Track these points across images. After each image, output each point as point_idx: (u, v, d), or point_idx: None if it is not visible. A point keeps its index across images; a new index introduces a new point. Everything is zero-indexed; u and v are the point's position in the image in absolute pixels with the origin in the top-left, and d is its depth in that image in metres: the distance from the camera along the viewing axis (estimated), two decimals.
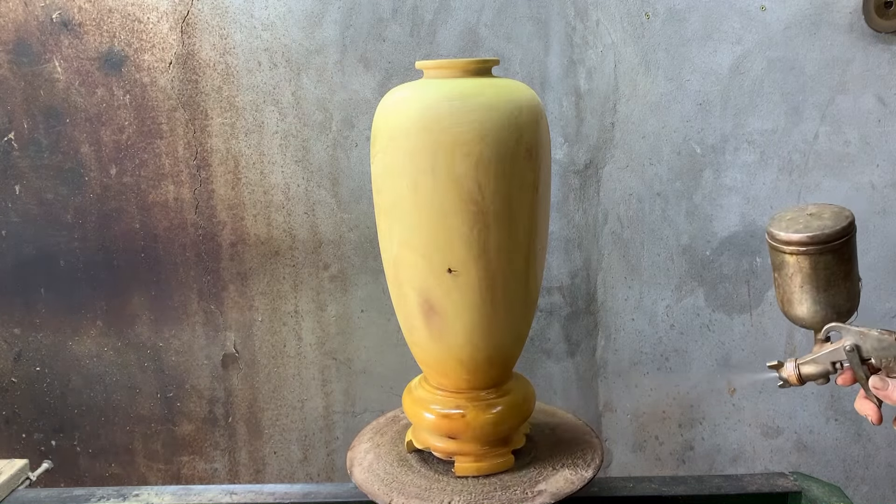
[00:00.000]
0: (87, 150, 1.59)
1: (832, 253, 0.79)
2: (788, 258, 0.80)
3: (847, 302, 0.82)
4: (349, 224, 1.61)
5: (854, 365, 0.80)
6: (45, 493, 1.16)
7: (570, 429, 1.10)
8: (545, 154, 0.93)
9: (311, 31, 1.54)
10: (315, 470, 1.73)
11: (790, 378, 0.84)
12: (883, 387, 0.78)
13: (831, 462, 1.68)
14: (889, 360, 0.78)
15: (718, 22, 1.51)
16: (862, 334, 0.79)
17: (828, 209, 0.82)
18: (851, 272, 0.81)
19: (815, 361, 0.82)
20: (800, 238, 0.79)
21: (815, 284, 0.80)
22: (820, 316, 0.81)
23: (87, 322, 1.66)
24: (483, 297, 0.91)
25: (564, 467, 0.99)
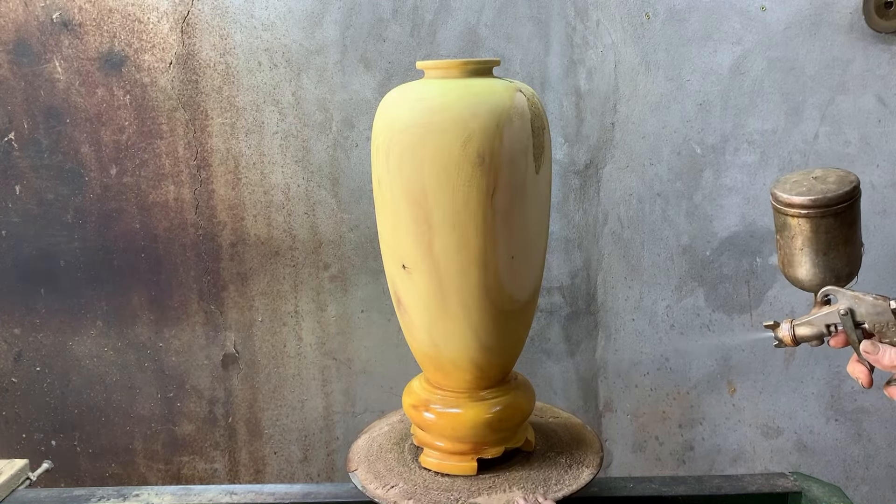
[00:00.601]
0: (87, 151, 1.59)
1: (834, 217, 0.79)
2: (790, 220, 0.80)
3: (846, 266, 0.82)
4: (349, 224, 1.61)
5: (847, 328, 0.80)
6: (45, 493, 1.16)
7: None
8: (513, 159, 0.88)
9: (311, 32, 1.54)
10: (315, 470, 1.73)
11: (785, 338, 0.84)
12: (874, 351, 0.79)
13: (831, 462, 1.68)
14: (882, 325, 0.79)
15: (718, 22, 1.51)
16: (857, 298, 0.79)
17: (833, 173, 0.81)
18: (853, 237, 0.81)
19: (810, 323, 0.82)
20: (802, 201, 0.79)
21: (815, 247, 0.80)
22: (819, 279, 0.82)
23: (87, 322, 1.66)
24: (434, 296, 0.93)
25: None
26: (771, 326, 0.85)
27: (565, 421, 1.12)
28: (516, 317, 0.97)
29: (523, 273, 0.95)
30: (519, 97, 0.90)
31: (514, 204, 0.90)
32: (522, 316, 0.98)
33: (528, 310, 0.99)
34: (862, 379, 0.81)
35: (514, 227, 0.91)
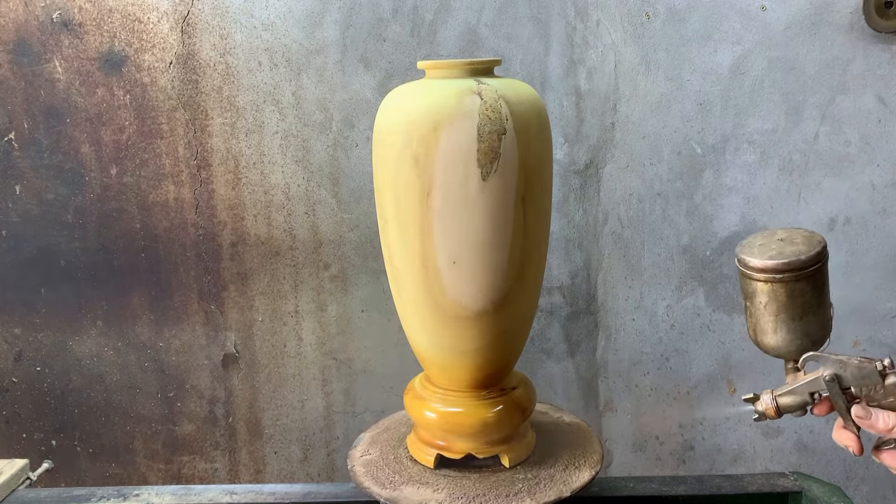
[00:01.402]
0: (87, 150, 1.59)
1: (807, 280, 0.76)
2: (762, 286, 0.77)
3: (821, 330, 0.79)
4: (349, 224, 1.61)
5: (834, 395, 0.77)
6: (45, 493, 1.16)
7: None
8: (449, 163, 0.87)
9: (311, 31, 1.54)
10: (315, 470, 1.73)
11: (767, 410, 0.81)
12: (866, 416, 0.77)
13: (832, 462, 1.68)
14: (869, 388, 0.77)
15: (719, 22, 1.51)
16: (842, 363, 0.76)
17: (798, 234, 0.79)
18: (825, 299, 0.79)
19: (793, 392, 0.80)
20: (775, 265, 0.76)
21: (790, 313, 0.77)
22: (795, 345, 0.79)
23: (87, 322, 1.66)
24: (397, 293, 0.98)
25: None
26: (751, 399, 0.82)
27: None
28: (474, 324, 0.94)
29: (469, 280, 0.91)
30: (470, 101, 0.87)
31: (451, 208, 0.88)
32: (484, 324, 0.94)
33: (494, 320, 0.94)
34: (852, 446, 0.80)
35: (452, 231, 0.90)
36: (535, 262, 0.96)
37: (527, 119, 0.89)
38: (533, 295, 0.98)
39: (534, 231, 0.93)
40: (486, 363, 0.97)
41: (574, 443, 1.05)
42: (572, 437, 1.07)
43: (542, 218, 0.95)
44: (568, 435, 1.08)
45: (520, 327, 0.99)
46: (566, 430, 1.09)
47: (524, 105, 0.90)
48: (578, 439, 1.06)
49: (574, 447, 1.04)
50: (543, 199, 0.94)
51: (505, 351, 0.98)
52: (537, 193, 0.92)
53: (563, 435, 1.08)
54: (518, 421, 1.00)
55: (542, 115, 0.94)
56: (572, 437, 1.07)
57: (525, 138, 0.88)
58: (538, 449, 1.04)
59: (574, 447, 1.04)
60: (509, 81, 0.94)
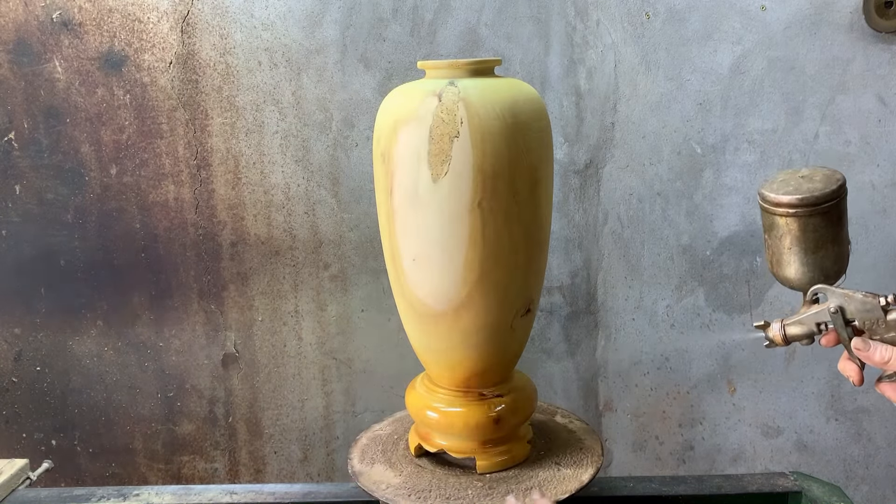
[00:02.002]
0: (87, 150, 1.59)
1: (821, 215, 0.79)
2: (779, 220, 0.81)
3: (835, 265, 0.82)
4: (349, 224, 1.61)
5: (838, 326, 0.80)
6: (45, 493, 1.16)
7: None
8: (404, 162, 0.88)
9: (311, 31, 1.54)
10: (315, 470, 1.73)
11: (775, 338, 0.84)
12: (865, 348, 0.79)
13: (831, 462, 1.68)
14: (872, 322, 0.79)
15: (718, 22, 1.51)
16: (847, 296, 0.79)
17: (819, 172, 0.82)
18: (840, 235, 0.81)
19: (801, 322, 0.82)
20: (790, 200, 0.79)
21: (803, 246, 0.80)
22: (808, 278, 0.82)
23: (87, 322, 1.66)
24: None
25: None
26: (761, 326, 0.85)
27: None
28: (440, 323, 0.94)
29: (427, 279, 0.92)
30: (427, 102, 0.87)
31: (408, 207, 0.90)
32: (449, 325, 0.93)
33: (455, 321, 0.93)
34: (853, 377, 0.82)
35: (410, 230, 0.91)
36: (500, 269, 0.91)
37: (487, 123, 0.86)
38: (498, 301, 0.93)
39: (496, 237, 0.89)
40: (461, 364, 0.96)
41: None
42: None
43: (509, 224, 0.90)
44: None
45: (491, 332, 0.94)
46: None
47: (492, 108, 0.87)
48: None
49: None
50: (514, 204, 0.89)
51: (481, 354, 0.95)
52: (501, 199, 0.88)
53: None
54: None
55: (521, 120, 0.89)
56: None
57: (482, 142, 0.86)
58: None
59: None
60: (496, 83, 0.92)
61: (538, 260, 0.96)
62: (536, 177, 0.91)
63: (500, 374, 1.00)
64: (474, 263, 0.90)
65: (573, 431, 1.09)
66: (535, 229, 0.93)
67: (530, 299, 0.96)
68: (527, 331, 1.00)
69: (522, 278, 0.94)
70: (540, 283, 0.99)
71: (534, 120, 0.91)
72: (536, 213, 0.93)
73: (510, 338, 0.97)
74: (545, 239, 0.98)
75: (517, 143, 0.88)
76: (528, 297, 0.96)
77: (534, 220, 0.93)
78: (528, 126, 0.89)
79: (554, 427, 1.10)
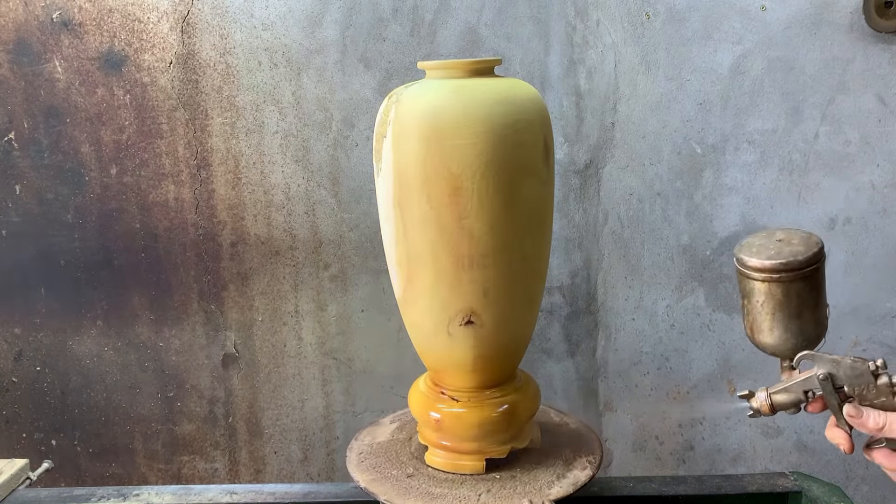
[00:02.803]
0: (87, 150, 1.59)
1: (803, 280, 0.78)
2: (759, 285, 0.79)
3: (816, 329, 0.80)
4: (349, 224, 1.61)
5: (827, 393, 0.79)
6: (45, 493, 1.16)
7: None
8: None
9: (311, 31, 1.54)
10: (315, 470, 1.73)
11: (762, 407, 0.82)
12: (857, 415, 0.78)
13: (832, 462, 1.68)
14: (862, 387, 0.78)
15: (718, 22, 1.51)
16: (835, 362, 0.78)
17: (796, 235, 0.80)
18: (821, 299, 0.80)
19: (788, 390, 0.81)
20: (773, 265, 0.77)
21: (786, 312, 0.79)
22: (790, 344, 0.80)
23: (87, 322, 1.66)
24: None
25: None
26: (746, 396, 0.83)
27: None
28: (406, 321, 1.00)
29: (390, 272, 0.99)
30: (384, 103, 0.92)
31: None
32: (407, 323, 1.00)
33: (404, 316, 0.98)
34: (843, 445, 0.81)
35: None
36: (423, 272, 0.91)
37: (407, 126, 0.87)
38: (427, 305, 0.92)
39: (416, 240, 0.89)
40: (430, 363, 1.01)
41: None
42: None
43: (424, 228, 0.88)
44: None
45: (429, 336, 0.95)
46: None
47: (420, 111, 0.86)
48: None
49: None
50: (429, 208, 0.87)
51: (428, 356, 1.00)
52: (414, 202, 0.87)
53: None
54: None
55: (445, 126, 0.86)
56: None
57: (400, 143, 0.86)
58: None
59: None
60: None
61: (470, 270, 0.89)
62: (457, 184, 0.86)
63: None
64: (402, 262, 0.93)
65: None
66: (460, 237, 0.88)
67: (469, 309, 0.91)
68: (468, 339, 0.93)
69: (448, 286, 0.90)
70: (483, 293, 0.91)
71: (472, 125, 0.86)
72: (462, 219, 0.88)
73: (450, 344, 0.94)
74: (490, 248, 0.89)
75: (433, 146, 0.86)
76: (466, 306, 0.91)
77: (459, 227, 0.88)
78: (455, 132, 0.85)
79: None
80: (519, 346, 1.00)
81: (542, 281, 0.99)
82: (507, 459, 0.99)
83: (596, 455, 1.01)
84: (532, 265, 0.95)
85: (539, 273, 0.97)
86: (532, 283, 0.96)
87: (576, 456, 1.01)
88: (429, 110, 0.87)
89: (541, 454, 1.02)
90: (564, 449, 1.03)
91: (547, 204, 0.95)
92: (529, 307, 0.98)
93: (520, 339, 0.99)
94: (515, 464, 0.99)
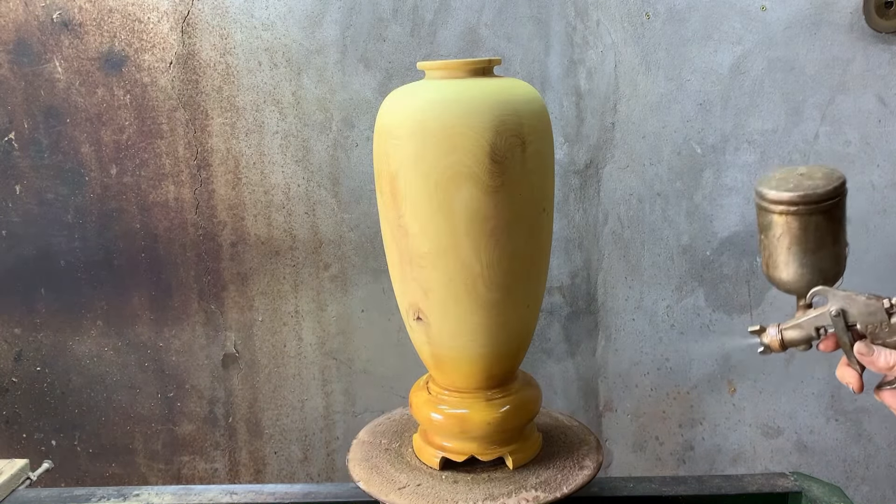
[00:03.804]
0: (87, 150, 1.59)
1: (822, 214, 0.75)
2: (777, 218, 0.77)
3: (834, 266, 0.78)
4: (349, 224, 1.61)
5: (839, 330, 0.77)
6: (45, 493, 1.16)
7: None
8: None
9: (311, 31, 1.54)
10: (315, 470, 1.73)
11: (772, 343, 0.80)
12: (868, 352, 0.76)
13: (832, 462, 1.68)
14: (875, 325, 0.76)
15: (719, 22, 1.51)
16: (849, 299, 0.76)
17: (819, 170, 0.78)
18: (840, 235, 0.78)
19: (799, 326, 0.79)
20: (790, 197, 0.75)
21: (803, 246, 0.76)
22: (806, 280, 0.78)
23: (87, 322, 1.66)
24: None
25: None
26: (756, 332, 0.81)
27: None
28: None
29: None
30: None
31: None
32: None
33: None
34: (853, 383, 0.79)
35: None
36: (391, 267, 0.97)
37: (375, 123, 0.93)
38: (397, 296, 0.98)
39: (383, 232, 0.98)
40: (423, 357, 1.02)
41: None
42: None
43: (384, 223, 0.95)
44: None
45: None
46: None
47: (386, 112, 0.92)
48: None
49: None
50: (384, 204, 0.94)
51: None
52: (378, 196, 0.95)
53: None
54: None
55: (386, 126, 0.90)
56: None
57: (374, 139, 0.94)
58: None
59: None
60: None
61: (412, 268, 0.91)
62: (394, 183, 0.88)
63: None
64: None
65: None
66: (400, 235, 0.90)
67: (417, 307, 0.92)
68: (423, 335, 0.95)
69: (400, 281, 0.95)
70: (423, 292, 0.91)
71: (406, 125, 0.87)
72: (399, 217, 0.90)
73: (413, 336, 0.98)
74: (425, 250, 0.89)
75: (380, 146, 0.91)
76: (414, 302, 0.92)
77: (399, 225, 0.90)
78: (391, 131, 0.88)
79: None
80: (477, 351, 0.94)
81: (496, 289, 0.91)
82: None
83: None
84: (476, 271, 0.89)
85: (488, 280, 0.90)
86: (479, 289, 0.90)
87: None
88: (384, 110, 0.92)
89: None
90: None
91: (493, 213, 0.87)
92: (481, 313, 0.91)
93: (476, 345, 0.94)
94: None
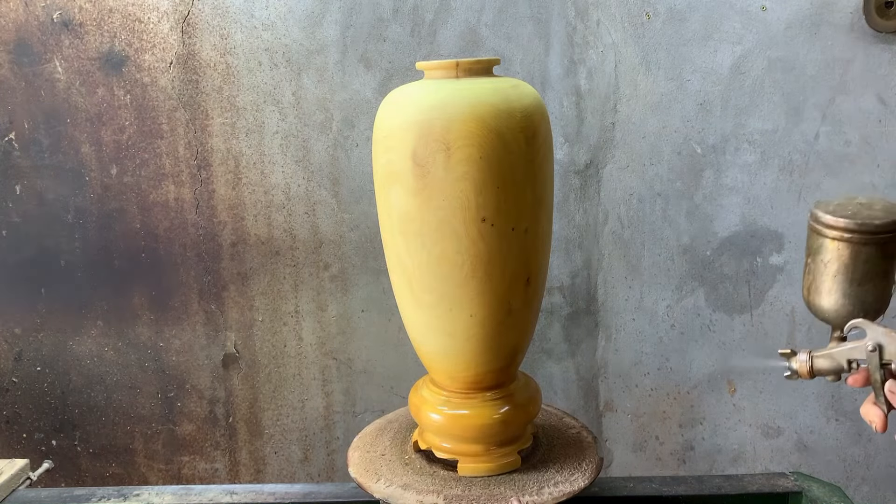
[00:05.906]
0: (87, 150, 1.59)
1: (875, 245, 0.74)
2: (829, 243, 0.75)
3: (876, 302, 0.77)
4: (350, 224, 1.61)
5: (872, 366, 0.75)
6: (45, 493, 1.16)
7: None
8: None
9: (311, 31, 1.54)
10: (315, 470, 1.73)
11: (801, 369, 0.78)
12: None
13: (832, 462, 1.67)
14: None
15: (719, 22, 1.51)
16: (888, 334, 0.74)
17: (880, 201, 0.77)
18: (889, 271, 0.76)
19: (832, 356, 0.77)
20: (846, 224, 0.74)
21: (849, 276, 0.75)
22: (846, 311, 0.76)
23: (87, 322, 1.66)
24: None
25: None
26: (787, 355, 0.79)
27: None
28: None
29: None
30: None
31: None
32: None
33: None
34: (877, 423, 0.76)
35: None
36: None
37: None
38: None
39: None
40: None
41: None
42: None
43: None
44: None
45: None
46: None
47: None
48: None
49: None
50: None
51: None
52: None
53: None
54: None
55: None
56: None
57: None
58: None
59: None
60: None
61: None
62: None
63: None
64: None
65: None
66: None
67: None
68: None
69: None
70: (389, 285, 1.00)
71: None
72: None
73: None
74: (384, 246, 0.96)
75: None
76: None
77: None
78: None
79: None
80: (440, 352, 0.94)
81: (433, 293, 0.90)
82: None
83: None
84: (413, 274, 0.90)
85: (424, 285, 0.90)
86: (418, 292, 0.91)
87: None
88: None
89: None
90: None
91: (422, 218, 0.87)
92: (430, 315, 0.92)
93: (437, 346, 0.94)
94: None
